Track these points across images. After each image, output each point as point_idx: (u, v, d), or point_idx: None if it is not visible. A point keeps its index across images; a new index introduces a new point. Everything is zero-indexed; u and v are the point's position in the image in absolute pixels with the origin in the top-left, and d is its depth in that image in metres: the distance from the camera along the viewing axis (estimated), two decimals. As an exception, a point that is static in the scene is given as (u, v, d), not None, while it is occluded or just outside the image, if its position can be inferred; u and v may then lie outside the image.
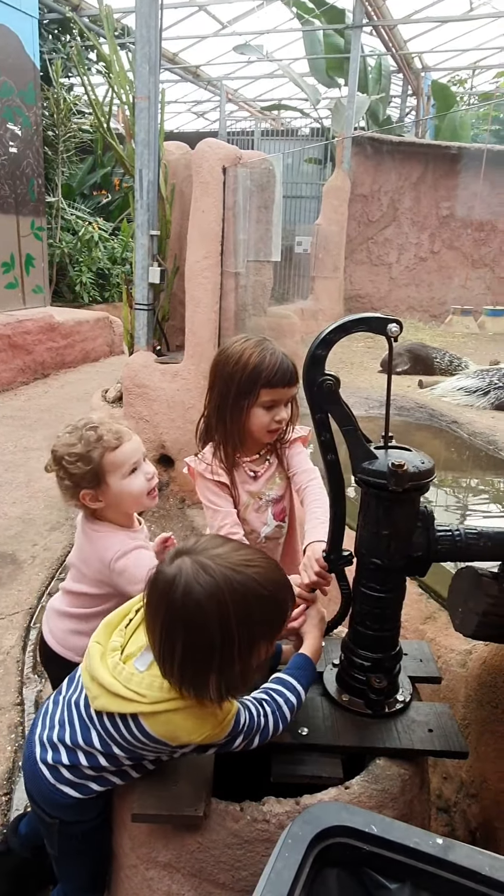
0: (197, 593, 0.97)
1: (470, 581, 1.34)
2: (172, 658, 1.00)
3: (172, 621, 0.99)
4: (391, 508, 1.21)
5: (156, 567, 1.03)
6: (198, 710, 1.04)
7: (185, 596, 0.97)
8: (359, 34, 7.85)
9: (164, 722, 1.04)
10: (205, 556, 1.01)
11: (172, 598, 0.98)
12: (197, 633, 0.98)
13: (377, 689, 1.30)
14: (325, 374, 1.19)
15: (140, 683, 1.05)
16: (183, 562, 1.00)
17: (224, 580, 0.98)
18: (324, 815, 0.88)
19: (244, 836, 1.10)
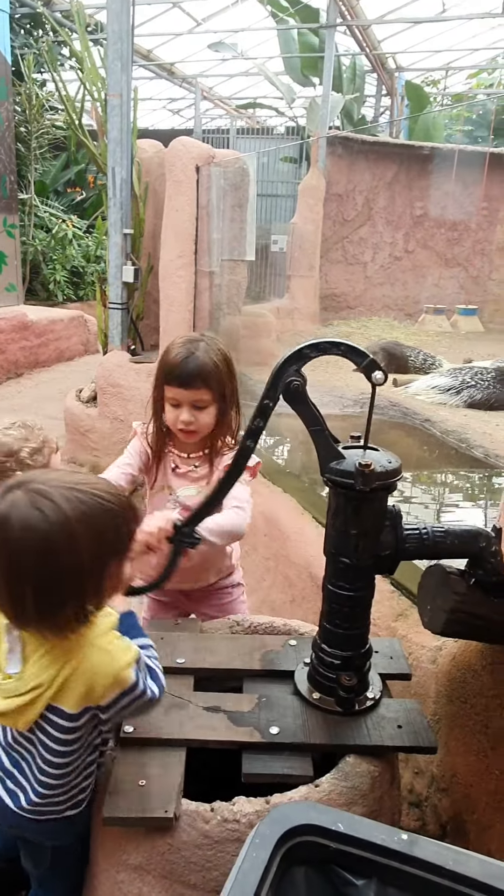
0: (37, 522, 0.90)
1: (438, 578, 1.36)
2: (24, 603, 0.93)
3: (15, 562, 0.91)
4: (359, 508, 1.22)
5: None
6: (90, 656, 1.02)
7: (24, 529, 0.90)
8: (333, 33, 7.88)
9: (74, 687, 1.02)
10: (37, 483, 0.94)
11: (10, 535, 0.90)
12: (47, 566, 0.91)
13: (347, 687, 1.31)
14: (298, 373, 1.19)
15: (28, 680, 1.02)
16: (13, 495, 0.92)
17: (64, 499, 0.91)
18: (291, 813, 0.89)
19: (214, 836, 1.10)
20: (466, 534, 1.31)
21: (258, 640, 1.56)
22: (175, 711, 1.30)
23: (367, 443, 1.26)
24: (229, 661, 1.46)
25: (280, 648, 1.52)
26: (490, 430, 3.83)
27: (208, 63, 12.02)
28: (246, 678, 1.44)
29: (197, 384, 1.53)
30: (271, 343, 6.28)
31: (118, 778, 1.16)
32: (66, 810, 1.15)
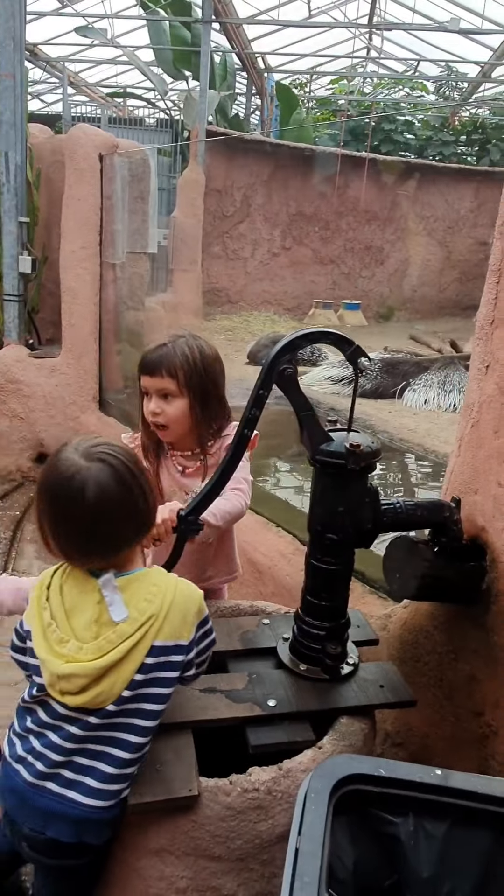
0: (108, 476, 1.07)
1: (406, 548, 1.49)
2: (118, 539, 1.10)
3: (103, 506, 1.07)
4: (346, 486, 1.31)
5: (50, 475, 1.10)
6: (179, 585, 1.15)
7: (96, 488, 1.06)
8: (209, 29, 7.93)
9: (173, 617, 1.11)
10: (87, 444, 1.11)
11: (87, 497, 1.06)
12: (126, 501, 1.09)
13: (333, 655, 1.40)
14: (289, 361, 1.25)
15: (140, 616, 1.09)
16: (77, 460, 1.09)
17: (116, 459, 1.09)
18: (336, 767, 0.96)
19: (237, 807, 1.15)
20: (432, 505, 1.44)
21: (233, 622, 1.61)
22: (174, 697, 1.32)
23: (350, 426, 1.35)
24: (212, 645, 1.50)
25: (255, 628, 1.58)
26: (386, 417, 4.12)
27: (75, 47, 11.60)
28: (229, 659, 1.49)
29: (160, 373, 1.55)
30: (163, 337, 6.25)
31: (135, 766, 1.16)
32: (126, 790, 1.13)
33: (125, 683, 1.08)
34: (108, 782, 1.10)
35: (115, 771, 1.10)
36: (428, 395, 4.97)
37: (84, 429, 3.78)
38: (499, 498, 1.46)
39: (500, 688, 1.47)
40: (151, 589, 1.12)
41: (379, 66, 13.57)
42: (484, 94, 12.62)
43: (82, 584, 1.12)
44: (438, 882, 0.96)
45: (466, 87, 12.45)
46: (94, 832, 1.12)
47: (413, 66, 12.67)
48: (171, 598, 1.11)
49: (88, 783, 1.09)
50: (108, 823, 1.14)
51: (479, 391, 1.57)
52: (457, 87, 12.65)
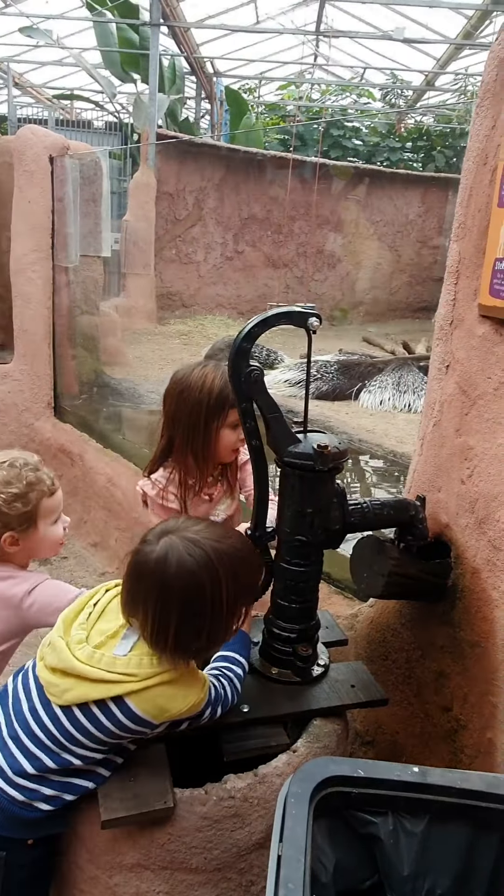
0: (190, 565, 1.05)
1: (372, 547, 1.50)
2: (167, 632, 1.06)
3: (167, 596, 1.05)
4: (314, 487, 1.31)
5: (137, 549, 1.09)
6: (185, 678, 1.11)
7: (179, 569, 1.05)
8: (157, 32, 7.89)
9: (154, 696, 1.08)
10: (189, 532, 1.10)
11: (166, 573, 1.05)
12: (193, 603, 1.06)
13: (304, 657, 1.40)
14: (250, 364, 1.25)
15: (127, 664, 1.08)
16: (170, 539, 1.08)
17: (213, 550, 1.08)
18: (315, 770, 0.95)
19: (213, 816, 1.13)
20: (399, 504, 1.46)
21: (201, 628, 1.59)
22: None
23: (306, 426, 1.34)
24: (181, 652, 1.48)
25: (224, 633, 1.56)
26: (344, 419, 4.16)
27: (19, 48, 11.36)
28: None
29: None
30: (118, 342, 6.17)
31: (108, 781, 1.13)
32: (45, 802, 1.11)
33: (76, 700, 1.07)
34: (25, 779, 1.09)
35: (32, 770, 1.09)
36: (383, 396, 5.04)
37: (39, 436, 3.69)
38: (462, 495, 1.49)
39: (467, 683, 1.50)
40: (161, 659, 1.09)
41: (326, 72, 13.76)
42: (428, 101, 12.94)
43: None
44: (419, 879, 0.96)
45: (411, 94, 12.73)
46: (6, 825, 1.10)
47: (359, 73, 12.89)
48: (159, 682, 1.08)
49: (6, 772, 1.10)
50: (26, 823, 1.11)
51: (439, 391, 1.59)
52: (402, 95, 12.92)
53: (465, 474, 1.49)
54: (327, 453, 1.25)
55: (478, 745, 1.48)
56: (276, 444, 1.30)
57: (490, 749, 1.43)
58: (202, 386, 1.57)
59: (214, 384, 1.57)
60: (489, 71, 1.39)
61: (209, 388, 1.57)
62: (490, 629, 1.42)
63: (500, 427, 1.39)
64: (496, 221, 1.36)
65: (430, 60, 10.77)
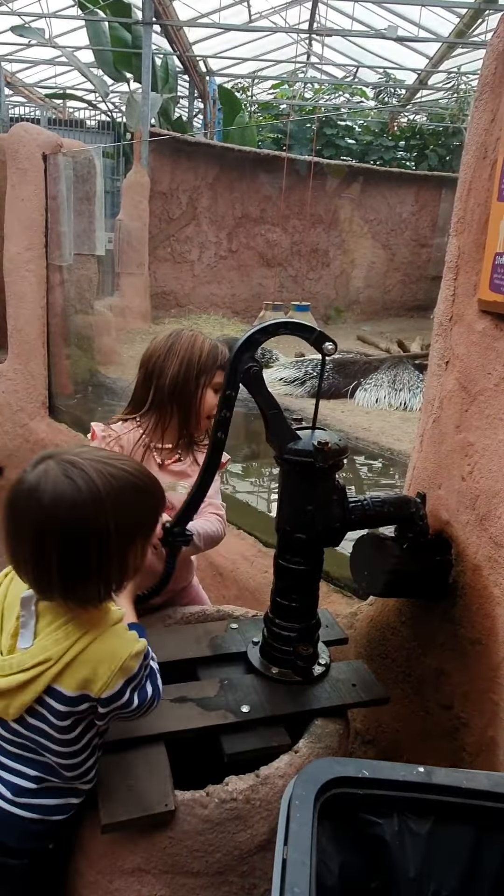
0: (69, 490, 0.91)
1: (373, 545, 1.48)
2: (49, 572, 0.94)
3: (43, 530, 0.92)
4: (315, 484, 1.30)
5: (15, 480, 0.95)
6: (103, 636, 1.00)
7: (55, 498, 0.91)
8: (150, 31, 7.86)
9: (78, 668, 0.98)
10: (70, 455, 0.96)
11: (41, 502, 0.91)
12: (74, 536, 0.92)
13: (304, 657, 1.38)
14: (253, 359, 1.23)
15: (37, 654, 0.98)
16: (46, 465, 0.94)
17: (97, 472, 0.93)
18: (319, 771, 0.94)
19: (215, 819, 1.11)
20: (399, 501, 1.44)
21: (200, 628, 1.57)
22: (144, 708, 1.28)
23: (315, 424, 1.33)
24: (181, 652, 1.46)
25: (224, 633, 1.55)
26: (340, 417, 4.15)
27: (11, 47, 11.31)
28: (199, 666, 1.45)
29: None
30: (112, 341, 6.14)
31: (106, 784, 1.12)
32: (55, 812, 1.08)
33: (18, 710, 1.00)
34: (23, 796, 1.05)
35: (30, 785, 1.05)
36: (379, 394, 5.03)
37: (34, 436, 3.67)
38: (462, 492, 1.48)
39: (469, 680, 1.48)
40: (65, 630, 0.99)
41: (319, 71, 13.76)
42: (421, 100, 12.95)
43: (22, 589, 1.02)
44: (425, 880, 0.95)
45: (404, 93, 12.74)
46: (11, 834, 1.07)
47: (352, 72, 12.89)
48: (82, 648, 0.98)
49: (4, 792, 1.05)
50: (32, 834, 1.08)
51: (439, 387, 1.58)
52: (395, 94, 12.93)
53: (466, 471, 1.47)
54: (328, 449, 1.24)
55: (479, 743, 1.47)
56: (275, 440, 1.28)
57: (492, 747, 1.42)
58: (193, 342, 1.57)
59: (205, 343, 1.58)
60: (488, 65, 1.37)
61: (200, 345, 1.57)
62: (492, 626, 1.41)
63: (502, 423, 1.38)
64: (496, 215, 1.34)
65: (423, 59, 10.79)
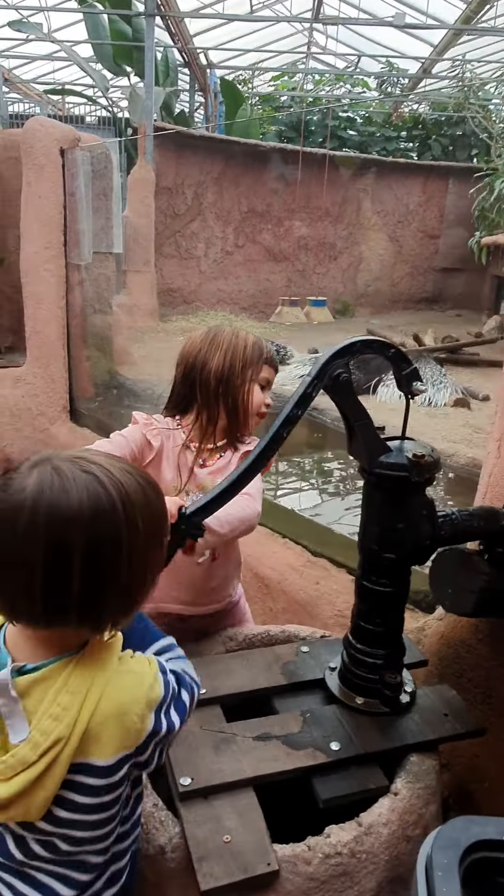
0: (74, 497, 0.74)
1: (458, 562, 1.37)
2: (68, 592, 0.74)
3: (64, 541, 0.73)
4: (405, 500, 1.19)
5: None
6: (115, 678, 0.83)
7: (51, 508, 0.73)
8: (153, 23, 7.70)
9: (103, 730, 0.79)
10: (67, 456, 0.78)
11: (35, 520, 0.73)
12: (100, 544, 0.75)
13: (392, 685, 1.27)
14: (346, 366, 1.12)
15: (40, 741, 0.78)
16: (40, 471, 0.75)
17: (102, 472, 0.77)
18: (458, 834, 0.83)
19: (320, 877, 1.00)
20: (488, 514, 1.33)
21: (268, 652, 1.46)
22: (225, 748, 1.17)
23: (404, 434, 1.22)
24: (253, 682, 1.35)
25: (294, 658, 1.44)
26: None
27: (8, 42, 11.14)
28: (274, 696, 1.34)
29: (276, 365, 1.54)
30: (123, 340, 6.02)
31: (198, 841, 1.01)
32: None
33: (42, 808, 0.80)
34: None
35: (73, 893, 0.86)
36: (401, 389, 4.91)
37: (54, 441, 3.55)
38: None
39: None
40: (62, 699, 0.79)
41: (320, 62, 13.57)
42: (425, 89, 12.77)
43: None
44: None
45: (407, 82, 12.56)
46: None
47: (354, 62, 12.71)
48: (92, 709, 0.79)
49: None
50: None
51: (523, 388, 1.47)
52: (398, 83, 12.75)
53: None
54: (423, 463, 1.13)
55: None
56: (364, 452, 1.17)
57: None
58: (236, 335, 1.47)
59: (248, 337, 1.48)
60: None
61: (244, 338, 1.47)
62: None
63: None
64: None
65: (427, 47, 10.61)
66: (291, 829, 1.09)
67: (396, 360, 1.15)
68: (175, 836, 1.04)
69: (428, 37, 10.22)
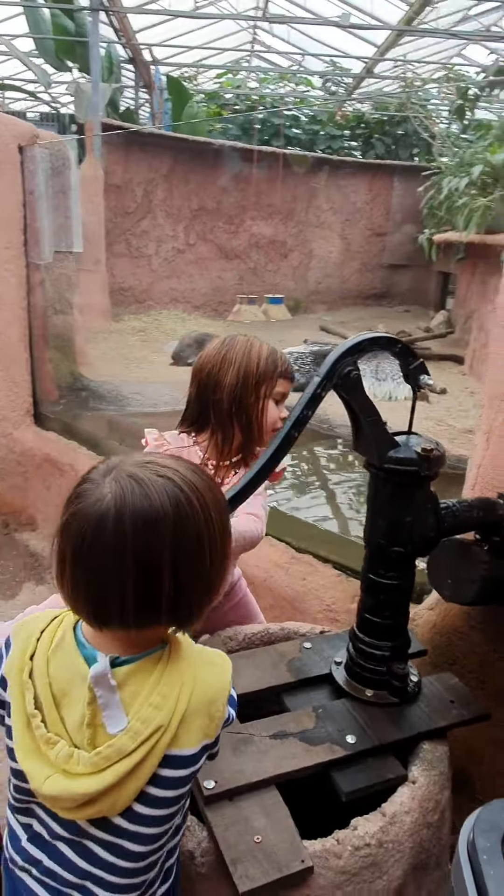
0: (156, 501, 0.75)
1: (456, 552, 1.41)
2: (160, 592, 0.76)
3: (142, 553, 0.75)
4: (413, 494, 1.21)
5: (75, 510, 0.77)
6: (200, 671, 0.86)
7: (136, 514, 0.74)
8: (97, 17, 7.56)
9: (193, 719, 0.82)
10: (137, 462, 0.80)
11: (122, 528, 0.74)
12: (191, 543, 0.78)
13: (400, 676, 1.30)
14: (355, 363, 1.13)
15: (141, 730, 0.79)
16: (115, 479, 0.76)
17: (175, 474, 0.79)
18: (494, 817, 0.85)
19: (351, 869, 1.01)
20: (485, 504, 1.37)
21: (272, 650, 1.47)
22: (244, 749, 1.17)
23: (410, 429, 1.24)
24: (261, 681, 1.35)
25: (298, 654, 1.45)
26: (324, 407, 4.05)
27: None
28: (284, 693, 1.35)
29: (292, 378, 1.51)
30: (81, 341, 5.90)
31: (229, 843, 1.00)
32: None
33: (129, 800, 0.81)
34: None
35: (123, 881, 0.85)
36: (362, 385, 4.98)
37: (19, 447, 3.46)
38: (546, 489, 1.42)
39: None
40: (161, 689, 0.81)
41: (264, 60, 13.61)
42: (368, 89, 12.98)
43: (74, 664, 0.82)
44: None
45: (351, 81, 12.74)
46: None
47: (298, 61, 12.80)
48: (189, 697, 0.82)
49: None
50: None
51: (510, 381, 1.52)
52: (341, 83, 12.91)
53: (549, 468, 1.42)
54: (432, 457, 1.15)
55: None
56: (373, 448, 1.19)
57: None
58: (249, 349, 1.43)
59: (262, 349, 1.45)
60: None
61: (258, 352, 1.43)
62: None
63: None
64: None
65: (370, 47, 10.78)
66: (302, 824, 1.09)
67: (403, 356, 1.17)
68: (203, 839, 1.03)
69: (371, 37, 10.38)
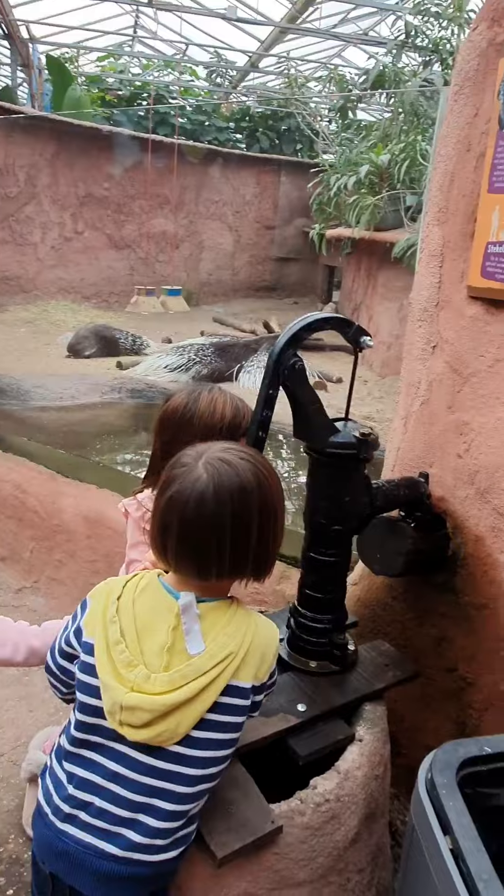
0: (245, 476, 0.97)
1: (385, 528, 1.53)
2: (247, 550, 0.98)
3: (238, 516, 0.96)
4: (351, 476, 1.30)
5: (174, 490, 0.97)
6: (259, 621, 1.03)
7: (232, 486, 0.96)
8: (-30, -13, 7.10)
9: (252, 656, 0.99)
10: (221, 447, 1.02)
11: (222, 498, 0.95)
12: (271, 508, 1.00)
13: (341, 645, 1.40)
14: (296, 354, 1.20)
15: (216, 652, 0.96)
16: (207, 463, 0.98)
17: (250, 456, 1.01)
18: (449, 756, 0.96)
19: (314, 824, 1.10)
20: (411, 483, 1.50)
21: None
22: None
23: (347, 415, 1.33)
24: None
25: (241, 635, 1.51)
26: (238, 401, 4.14)
27: None
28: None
29: None
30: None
31: (206, 815, 1.05)
32: (172, 847, 0.98)
33: (192, 723, 0.95)
34: (153, 836, 0.95)
35: (163, 825, 0.96)
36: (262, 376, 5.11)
37: None
38: (459, 469, 1.57)
39: (474, 643, 1.59)
40: (234, 624, 1.00)
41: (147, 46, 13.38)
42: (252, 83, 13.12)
43: (158, 601, 1.00)
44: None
45: (235, 74, 12.82)
46: (159, 883, 1.01)
47: (182, 49, 12.69)
48: (252, 637, 1.00)
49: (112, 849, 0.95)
50: (171, 873, 1.02)
51: (425, 370, 1.65)
52: (226, 75, 12.96)
53: (462, 448, 1.56)
54: (370, 440, 1.25)
55: (488, 700, 1.58)
56: (316, 434, 1.26)
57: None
58: (213, 412, 1.44)
59: (226, 411, 1.46)
60: (469, 60, 1.44)
61: (221, 415, 1.45)
62: (499, 591, 1.52)
63: (498, 402, 1.48)
64: (486, 207, 1.42)
65: (254, 42, 10.92)
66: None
67: (340, 327, 1.26)
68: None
69: (255, 32, 10.52)
